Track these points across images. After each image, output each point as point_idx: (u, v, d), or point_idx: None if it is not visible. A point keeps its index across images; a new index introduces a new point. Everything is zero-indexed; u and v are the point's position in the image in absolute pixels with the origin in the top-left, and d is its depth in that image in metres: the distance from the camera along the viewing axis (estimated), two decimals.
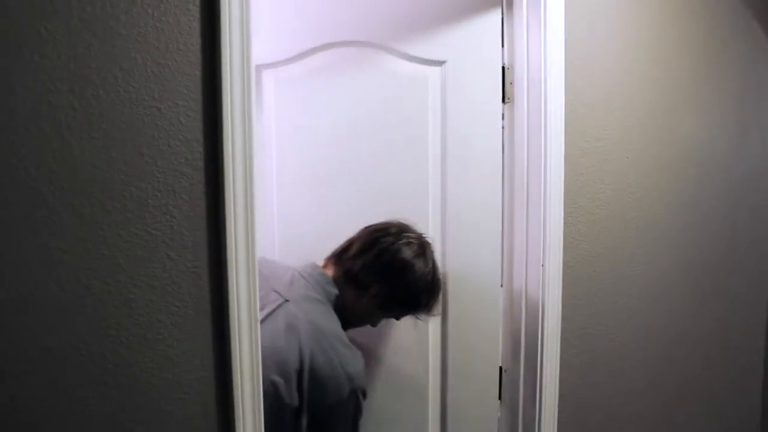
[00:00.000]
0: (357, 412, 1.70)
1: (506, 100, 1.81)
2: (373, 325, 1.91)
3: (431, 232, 1.97)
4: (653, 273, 2.12)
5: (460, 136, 1.92)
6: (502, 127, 1.85)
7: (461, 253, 1.95)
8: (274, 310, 1.67)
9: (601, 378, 2.01)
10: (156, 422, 1.18)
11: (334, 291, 1.77)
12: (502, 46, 1.83)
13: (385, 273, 1.77)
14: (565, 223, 1.81)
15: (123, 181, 1.11)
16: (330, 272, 1.81)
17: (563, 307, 1.84)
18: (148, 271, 1.15)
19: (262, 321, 1.60)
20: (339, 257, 1.83)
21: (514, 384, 1.87)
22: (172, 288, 1.18)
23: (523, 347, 1.84)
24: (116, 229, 1.11)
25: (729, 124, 2.37)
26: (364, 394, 1.71)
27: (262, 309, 1.57)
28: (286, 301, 1.69)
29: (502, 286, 1.90)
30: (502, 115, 1.85)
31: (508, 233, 1.87)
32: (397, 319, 1.92)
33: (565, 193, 1.80)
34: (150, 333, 1.16)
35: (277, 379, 1.56)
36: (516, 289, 1.86)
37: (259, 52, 1.91)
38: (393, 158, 2.00)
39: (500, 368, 1.91)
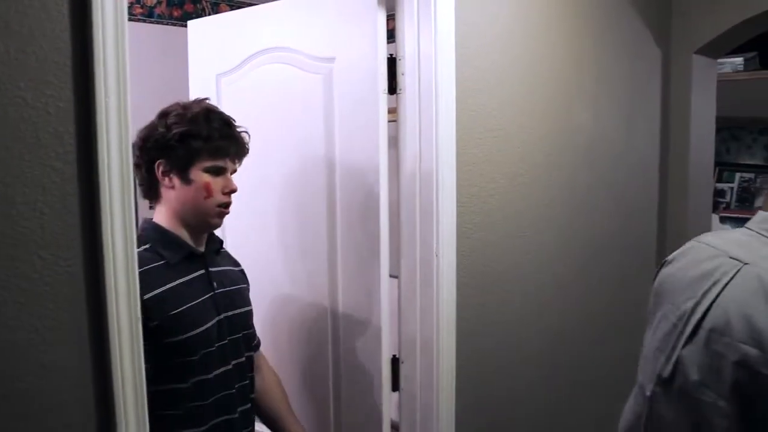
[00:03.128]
0: None
1: (398, 91, 1.81)
2: None
3: (322, 227, 1.97)
4: (546, 259, 2.17)
5: (346, 129, 1.91)
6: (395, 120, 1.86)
7: (353, 245, 1.94)
8: (732, 278, 1.39)
9: (498, 362, 2.05)
10: None
11: None
12: (393, 36, 1.83)
13: None
14: (458, 213, 1.83)
15: None
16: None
17: (458, 296, 1.86)
18: (17, 271, 1.08)
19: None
20: None
21: (411, 374, 1.88)
22: (44, 289, 1.11)
23: (419, 338, 1.85)
24: None
25: (616, 115, 2.46)
26: None
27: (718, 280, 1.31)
28: (745, 264, 1.38)
29: (395, 276, 1.91)
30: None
31: (402, 224, 1.87)
32: None
33: (457, 183, 1.82)
34: (20, 338, 1.09)
35: (750, 350, 1.31)
36: (409, 280, 1.86)
37: (220, 62, 2.20)
38: (296, 154, 2.04)
39: (395, 358, 1.91)
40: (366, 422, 1.96)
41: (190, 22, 2.28)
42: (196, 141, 1.62)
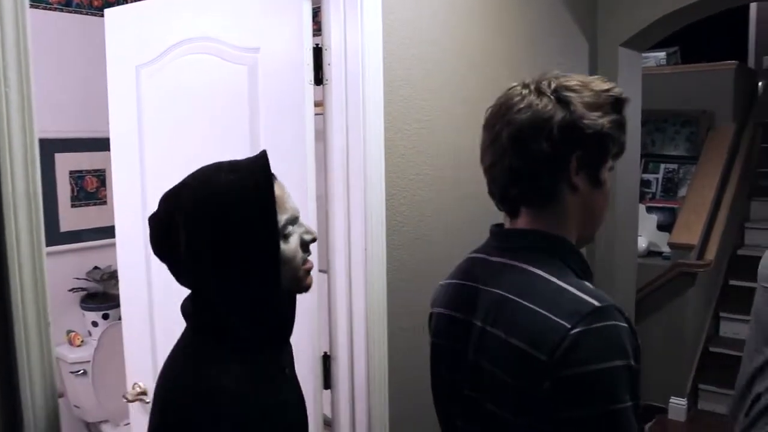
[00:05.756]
0: None
1: (324, 82, 1.76)
2: None
3: None
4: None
5: (272, 121, 1.86)
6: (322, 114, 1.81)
7: None
8: None
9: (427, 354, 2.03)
10: None
11: None
12: (318, 26, 1.78)
13: None
14: (387, 206, 1.81)
15: None
16: None
17: (389, 290, 1.84)
18: None
19: None
20: None
21: (343, 371, 1.85)
22: None
23: (348, 332, 1.82)
24: None
25: None
26: None
27: None
28: None
29: (324, 271, 1.87)
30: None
31: (330, 218, 1.83)
32: None
33: (386, 176, 1.79)
34: None
35: None
36: (339, 275, 1.83)
37: (140, 53, 2.07)
38: (220, 147, 1.95)
39: (326, 355, 1.87)
40: None
41: (107, 11, 2.18)
42: None
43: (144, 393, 2.10)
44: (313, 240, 1.21)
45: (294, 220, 1.18)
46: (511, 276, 1.09)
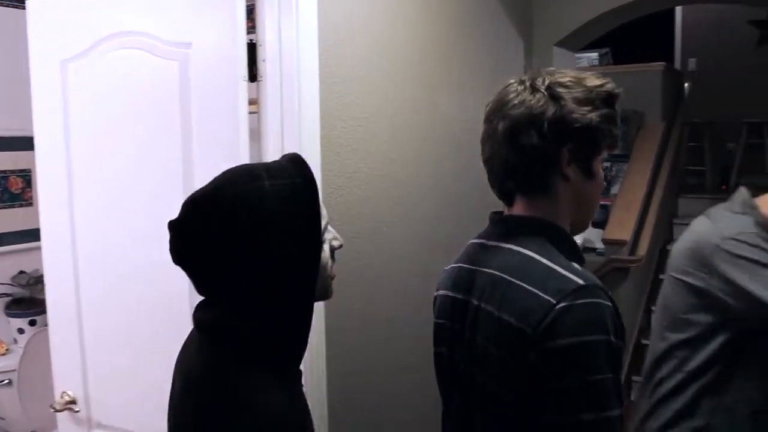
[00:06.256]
0: None
1: (259, 78, 1.73)
2: None
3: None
4: (414, 251, 2.16)
5: (205, 118, 1.81)
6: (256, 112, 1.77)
7: None
8: None
9: (369, 358, 2.02)
10: None
11: None
12: (253, 25, 1.75)
13: None
14: (323, 204, 1.78)
15: None
16: None
17: None
18: None
19: None
20: None
21: None
22: None
23: None
24: None
25: (482, 102, 2.48)
26: None
27: None
28: None
29: None
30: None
31: None
32: None
33: (322, 174, 1.77)
34: None
35: None
36: None
37: (65, 47, 1.97)
38: (152, 146, 1.89)
39: None
40: None
41: (29, 2, 2.08)
42: None
43: (73, 402, 2.01)
44: (340, 246, 1.15)
45: (326, 227, 1.13)
46: (504, 257, 1.16)
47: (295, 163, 1.10)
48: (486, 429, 1.15)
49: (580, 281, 1.05)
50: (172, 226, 1.08)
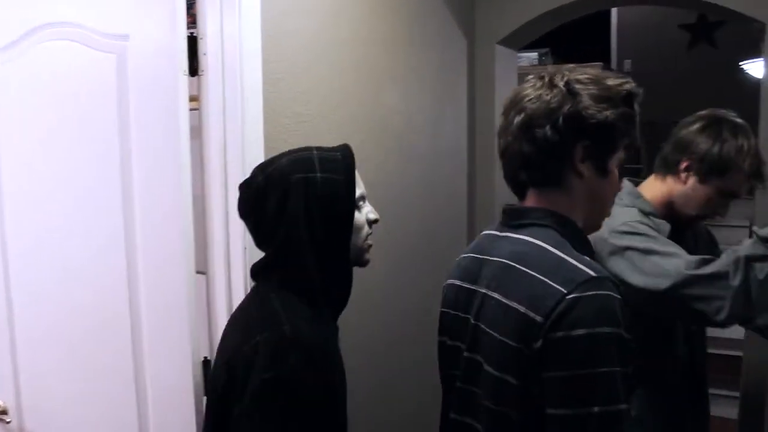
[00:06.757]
0: None
1: (200, 72, 1.68)
2: None
3: (119, 225, 1.77)
4: None
5: (144, 115, 1.75)
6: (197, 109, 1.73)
7: (155, 242, 1.77)
8: None
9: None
10: None
11: None
12: (193, 20, 1.70)
13: None
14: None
15: None
16: None
17: None
18: None
19: None
20: None
21: None
22: None
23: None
24: None
25: (426, 100, 2.49)
26: None
27: None
28: None
29: (202, 273, 1.78)
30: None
31: (208, 218, 1.75)
32: None
33: None
34: None
35: None
36: (217, 276, 1.75)
37: None
38: (88, 143, 1.82)
39: (206, 360, 1.79)
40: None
41: None
42: None
43: (4, 412, 1.92)
44: (376, 221, 1.38)
45: (363, 197, 1.35)
46: (514, 246, 1.17)
47: (341, 146, 1.36)
48: (488, 414, 1.14)
49: (591, 272, 1.06)
50: (242, 186, 1.33)
